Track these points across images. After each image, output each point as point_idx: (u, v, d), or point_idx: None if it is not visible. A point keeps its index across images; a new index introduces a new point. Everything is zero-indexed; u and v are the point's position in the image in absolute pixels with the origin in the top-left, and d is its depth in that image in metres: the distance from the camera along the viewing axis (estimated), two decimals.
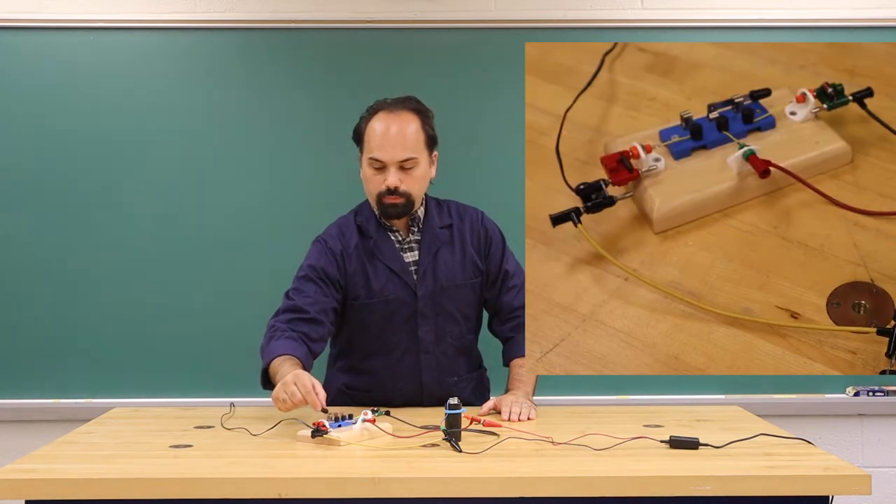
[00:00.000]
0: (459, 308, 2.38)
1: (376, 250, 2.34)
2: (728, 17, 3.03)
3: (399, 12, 3.02)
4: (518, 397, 2.26)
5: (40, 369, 3.01)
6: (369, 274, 2.33)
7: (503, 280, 2.43)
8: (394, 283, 2.33)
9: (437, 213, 2.40)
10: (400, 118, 2.28)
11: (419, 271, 2.33)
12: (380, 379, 2.37)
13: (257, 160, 3.02)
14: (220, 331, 3.00)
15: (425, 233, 2.35)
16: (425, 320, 2.35)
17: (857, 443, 3.10)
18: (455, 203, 2.46)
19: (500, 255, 2.43)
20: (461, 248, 2.37)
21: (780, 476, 1.71)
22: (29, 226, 3.00)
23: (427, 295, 2.34)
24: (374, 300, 2.33)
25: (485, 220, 2.46)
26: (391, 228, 2.35)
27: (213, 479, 1.71)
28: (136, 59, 3.01)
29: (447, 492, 1.70)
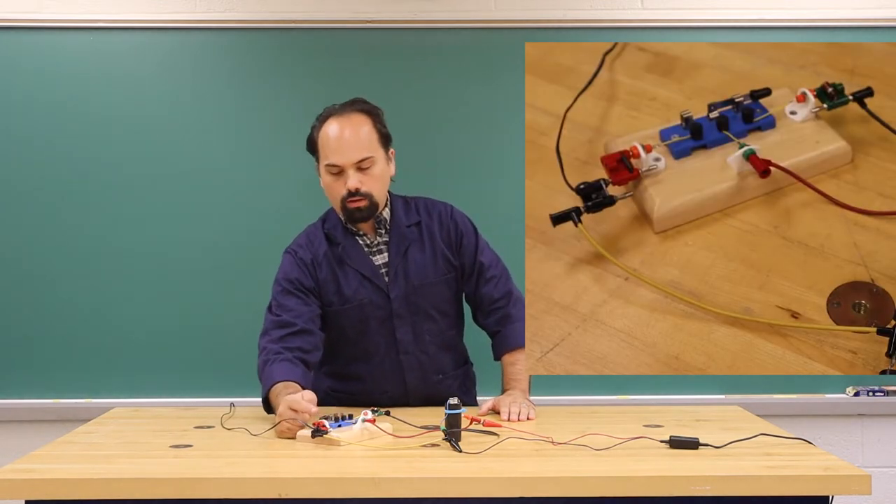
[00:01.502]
0: (435, 305, 2.37)
1: (345, 256, 2.33)
2: (728, 17, 3.03)
3: (399, 12, 3.02)
4: (516, 397, 2.26)
5: (40, 369, 3.01)
6: (340, 280, 2.32)
7: (479, 272, 2.40)
8: (365, 287, 2.32)
9: (403, 213, 2.37)
10: (351, 120, 2.26)
11: (390, 273, 2.33)
12: (364, 383, 2.37)
13: (257, 160, 3.02)
14: (220, 331, 3.00)
15: (393, 233, 2.34)
16: (401, 321, 2.34)
17: (857, 443, 3.10)
18: (424, 199, 2.43)
19: (473, 248, 2.40)
20: (431, 245, 2.35)
21: (779, 476, 1.71)
22: (29, 226, 3.00)
23: (400, 296, 2.33)
24: (346, 306, 2.33)
25: (454, 213, 2.42)
26: (358, 233, 2.34)
27: (213, 479, 1.71)
28: (136, 59, 3.01)
29: (447, 492, 1.70)
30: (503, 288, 2.40)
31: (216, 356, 3.00)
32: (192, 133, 3.02)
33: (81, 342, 3.01)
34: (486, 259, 2.41)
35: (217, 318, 3.01)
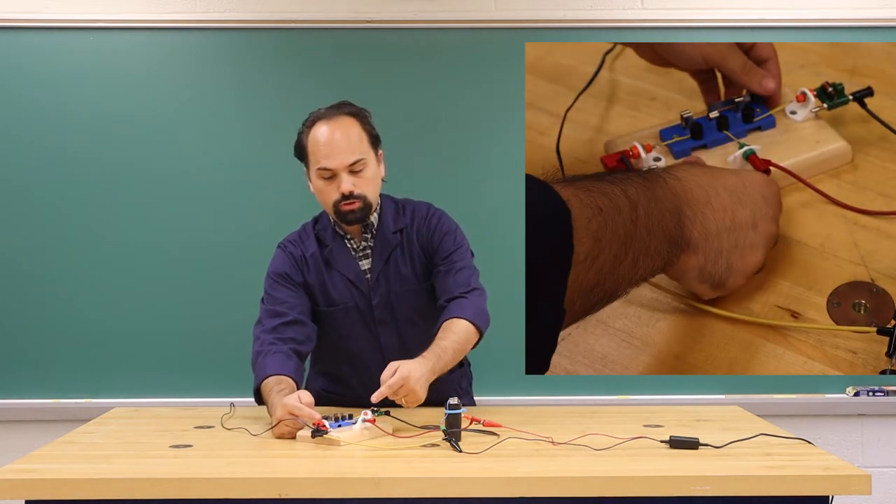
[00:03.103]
0: (417, 310, 2.33)
1: (332, 259, 2.32)
2: (728, 17, 3.03)
3: (399, 12, 3.02)
4: (415, 370, 2.04)
5: (40, 369, 3.01)
6: (326, 283, 2.32)
7: (447, 267, 2.30)
8: (350, 291, 2.32)
9: (392, 218, 2.34)
10: (340, 123, 2.24)
11: (372, 278, 2.32)
12: (351, 384, 2.36)
13: (257, 160, 3.02)
14: (220, 331, 3.00)
15: (378, 239, 2.32)
16: (385, 327, 2.33)
17: (857, 443, 3.09)
18: (411, 203, 2.39)
19: (450, 244, 2.31)
20: (411, 251, 2.33)
21: (779, 476, 1.71)
22: (29, 225, 3.00)
23: (382, 302, 2.32)
24: (332, 308, 2.32)
25: (430, 214, 2.36)
26: (346, 236, 2.35)
27: (213, 479, 1.71)
28: (136, 59, 3.01)
29: (447, 492, 1.70)
30: (463, 279, 2.29)
31: (216, 356, 3.00)
32: (191, 133, 3.02)
33: (81, 342, 3.01)
34: (457, 257, 2.32)
35: (217, 318, 3.01)
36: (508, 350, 2.80)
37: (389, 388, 2.00)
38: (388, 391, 2.00)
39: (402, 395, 2.02)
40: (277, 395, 2.07)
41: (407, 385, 2.01)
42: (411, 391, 2.02)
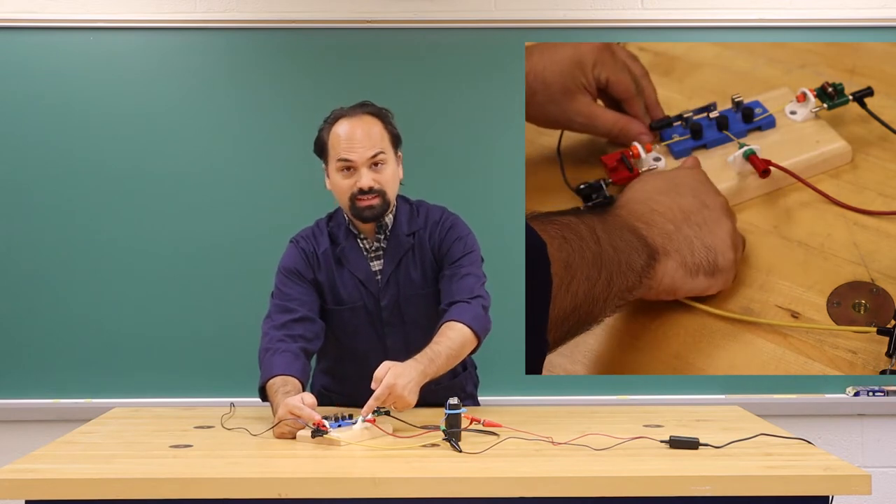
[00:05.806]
0: (426, 315, 2.31)
1: (343, 257, 2.32)
2: (728, 17, 3.03)
3: (399, 12, 3.02)
4: (402, 375, 2.03)
5: (40, 369, 3.01)
6: (336, 281, 2.31)
7: (453, 272, 2.29)
8: (359, 291, 2.31)
9: (406, 220, 2.34)
10: (362, 121, 2.25)
11: (382, 280, 2.32)
12: (354, 384, 2.34)
13: (257, 160, 3.02)
14: (220, 331, 3.00)
15: (391, 241, 2.32)
16: (391, 329, 2.33)
17: (857, 443, 3.10)
18: (425, 206, 2.38)
19: (460, 249, 2.30)
20: (422, 255, 2.32)
21: (779, 476, 1.71)
22: (29, 226, 3.00)
23: (390, 304, 2.31)
24: (339, 307, 2.32)
25: (443, 218, 2.35)
26: (359, 235, 2.35)
27: (213, 479, 1.71)
28: (136, 59, 3.01)
29: (447, 492, 1.70)
30: (468, 286, 2.27)
31: (216, 356, 3.00)
32: (192, 133, 3.02)
33: (81, 342, 3.01)
34: (465, 262, 2.31)
35: (217, 319, 3.01)
36: (508, 350, 2.80)
37: (376, 400, 2.00)
38: (375, 403, 2.00)
39: (391, 403, 2.02)
40: (283, 396, 2.07)
41: (394, 392, 2.00)
42: (398, 398, 2.01)
